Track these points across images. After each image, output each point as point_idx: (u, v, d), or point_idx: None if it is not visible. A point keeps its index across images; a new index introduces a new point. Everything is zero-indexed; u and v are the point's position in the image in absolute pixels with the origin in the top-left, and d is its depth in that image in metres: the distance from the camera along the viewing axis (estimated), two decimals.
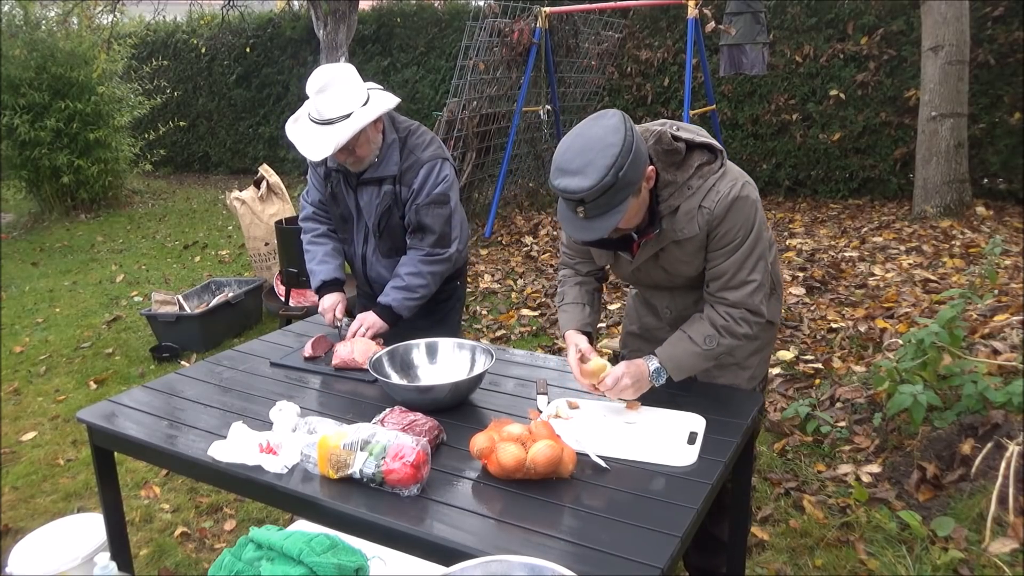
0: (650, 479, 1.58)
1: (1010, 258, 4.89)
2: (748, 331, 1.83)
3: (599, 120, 1.64)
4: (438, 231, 2.44)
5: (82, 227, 8.73)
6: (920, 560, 2.43)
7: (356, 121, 2.25)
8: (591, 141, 1.61)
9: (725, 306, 1.83)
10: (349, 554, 1.74)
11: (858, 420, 3.26)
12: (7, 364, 4.71)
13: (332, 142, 2.23)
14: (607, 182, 1.57)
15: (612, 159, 1.57)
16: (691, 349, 1.83)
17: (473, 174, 6.98)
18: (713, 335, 1.81)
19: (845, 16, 7.18)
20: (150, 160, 10.29)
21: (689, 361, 1.84)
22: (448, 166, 2.47)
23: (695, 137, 1.80)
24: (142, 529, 2.90)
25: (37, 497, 3.18)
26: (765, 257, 1.82)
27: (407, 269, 2.46)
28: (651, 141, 1.76)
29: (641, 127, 1.80)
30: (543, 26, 6.69)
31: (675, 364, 1.84)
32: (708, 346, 1.82)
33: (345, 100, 2.25)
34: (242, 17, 9.99)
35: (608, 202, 1.61)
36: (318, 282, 2.58)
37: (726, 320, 1.82)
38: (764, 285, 1.82)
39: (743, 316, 1.82)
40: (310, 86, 2.26)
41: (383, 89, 2.43)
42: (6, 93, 8.43)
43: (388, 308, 2.44)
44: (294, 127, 2.36)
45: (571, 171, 1.61)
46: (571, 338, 1.97)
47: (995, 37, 6.57)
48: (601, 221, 1.64)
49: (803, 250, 5.65)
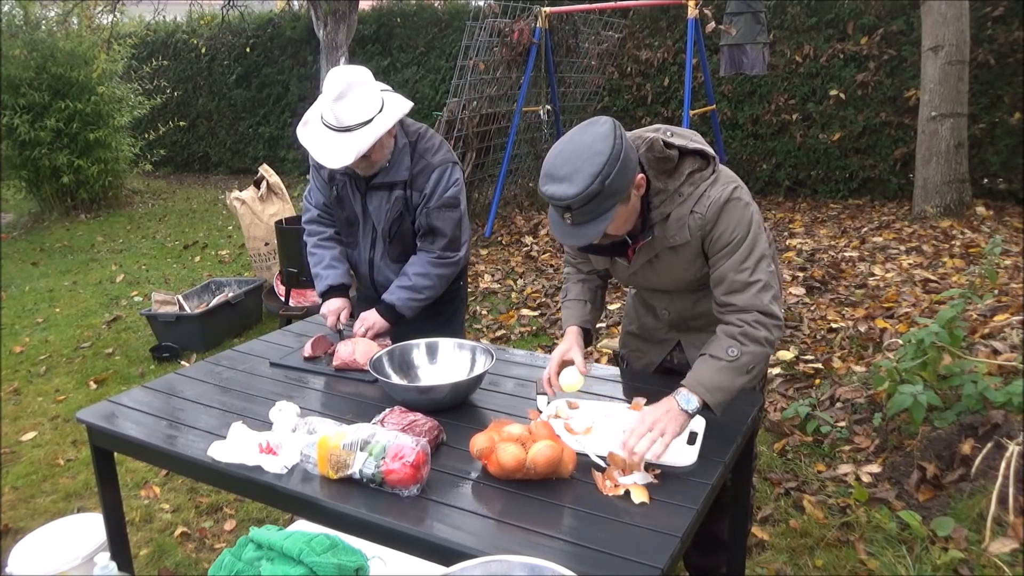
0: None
1: (1010, 258, 4.89)
2: (768, 335, 1.72)
3: (590, 127, 1.65)
4: (449, 234, 2.44)
5: (82, 227, 8.73)
6: (920, 560, 2.43)
7: (376, 128, 2.21)
8: (580, 148, 1.61)
9: (736, 313, 1.75)
10: (349, 554, 1.74)
11: (858, 420, 3.26)
12: (7, 364, 4.71)
13: (353, 150, 2.20)
14: (593, 190, 1.58)
15: (599, 167, 1.58)
16: (714, 365, 1.71)
17: (473, 174, 6.98)
18: (733, 344, 1.72)
19: (845, 16, 7.18)
20: (150, 160, 10.29)
21: (715, 378, 1.69)
22: (458, 170, 2.46)
23: (688, 143, 1.79)
24: (142, 529, 2.90)
25: (37, 497, 3.18)
26: (767, 257, 1.78)
27: (416, 269, 2.45)
28: (642, 148, 1.75)
29: (634, 133, 1.80)
30: (543, 26, 6.69)
31: (703, 385, 1.69)
32: (731, 356, 1.70)
33: (364, 106, 2.22)
34: (242, 17, 9.99)
35: (595, 209, 1.61)
36: (325, 287, 2.55)
37: (741, 326, 1.73)
38: (771, 286, 1.75)
39: (757, 319, 1.72)
40: (328, 91, 2.20)
41: (393, 91, 2.41)
42: (6, 93, 8.43)
43: (392, 307, 2.44)
44: (306, 131, 2.31)
45: (558, 178, 1.61)
46: (571, 337, 1.98)
47: (995, 37, 6.57)
48: (588, 228, 1.65)
49: (803, 250, 5.65)
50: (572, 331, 2.01)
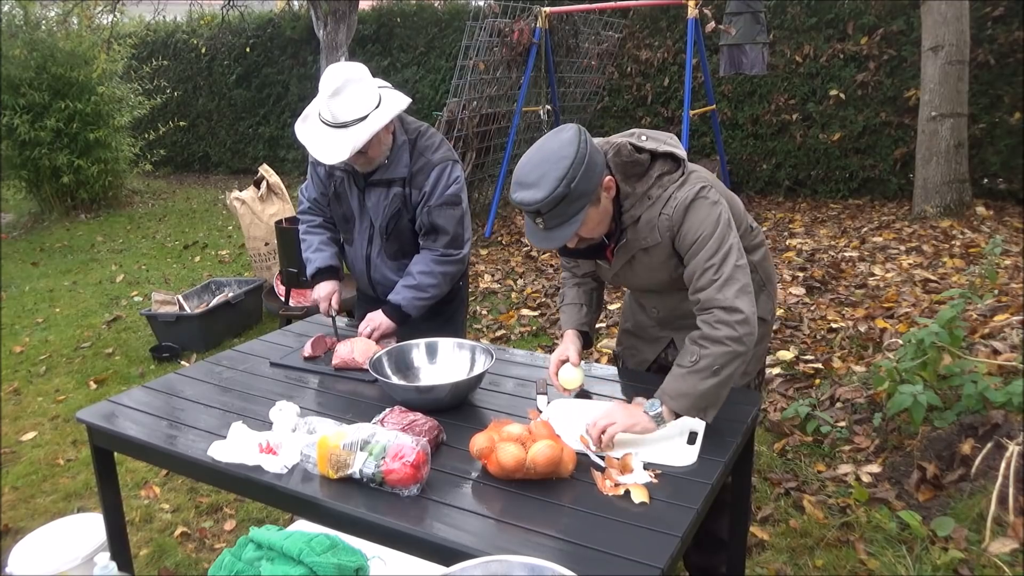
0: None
1: (1010, 258, 4.89)
2: (731, 332, 1.69)
3: (556, 135, 1.70)
4: (451, 232, 2.44)
5: (82, 227, 8.73)
6: (920, 560, 2.43)
7: (371, 124, 2.22)
8: (548, 155, 1.67)
9: (701, 312, 1.76)
10: (349, 554, 1.74)
11: (858, 420, 3.26)
12: (7, 364, 4.71)
13: (348, 146, 2.21)
14: (559, 193, 1.63)
15: (564, 171, 1.63)
16: (677, 372, 1.73)
17: (473, 174, 6.98)
18: (694, 349, 1.72)
19: (845, 16, 7.18)
20: (150, 160, 10.29)
21: (677, 385, 1.71)
22: (459, 168, 2.46)
23: (659, 146, 1.82)
24: (142, 529, 2.90)
25: (37, 497, 3.18)
26: (735, 253, 1.76)
27: (419, 268, 2.45)
28: (610, 153, 1.80)
29: (603, 139, 1.85)
30: (543, 26, 6.69)
31: (666, 393, 1.72)
32: (691, 361, 1.71)
33: (360, 102, 2.22)
34: (242, 17, 9.99)
35: (564, 212, 1.67)
36: (313, 269, 2.57)
37: (701, 328, 1.74)
38: (736, 279, 1.73)
39: (717, 318, 1.71)
40: (324, 87, 2.21)
41: (392, 88, 2.40)
42: (6, 93, 8.43)
43: (397, 307, 2.43)
44: (304, 127, 2.32)
45: (527, 184, 1.67)
46: (567, 338, 2.05)
47: (995, 37, 6.57)
48: (560, 231, 1.70)
49: (803, 250, 5.65)
50: (569, 334, 2.08)
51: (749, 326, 1.71)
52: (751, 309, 1.72)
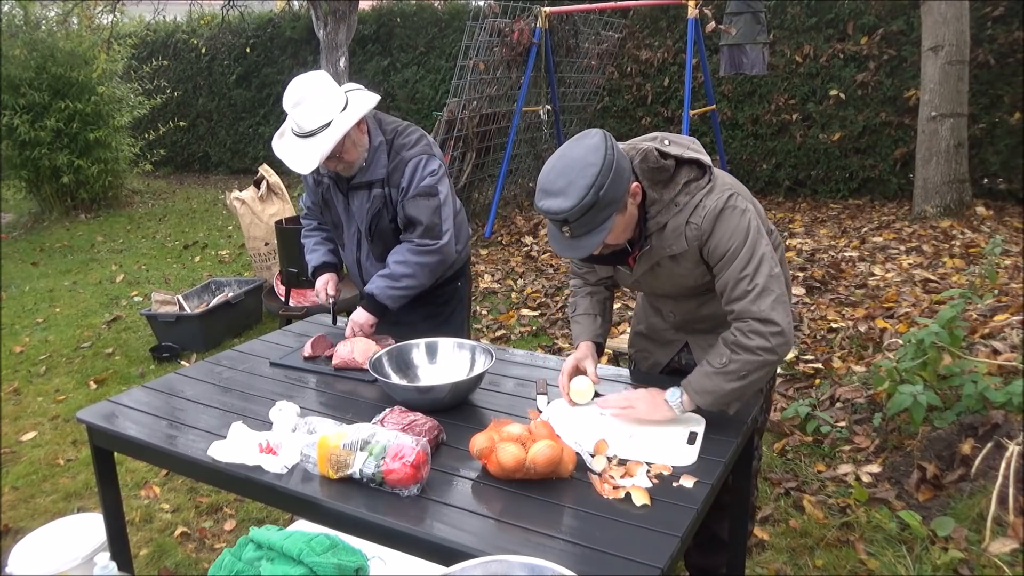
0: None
1: (1010, 258, 4.89)
2: (764, 343, 1.70)
3: (580, 140, 1.67)
4: (426, 222, 2.41)
5: (82, 227, 8.73)
6: (920, 560, 2.43)
7: (336, 129, 2.23)
8: (572, 162, 1.63)
9: (736, 320, 1.76)
10: (349, 554, 1.74)
11: (858, 420, 3.26)
12: (7, 364, 4.71)
13: (316, 154, 2.23)
14: (588, 201, 1.60)
15: (592, 179, 1.60)
16: (706, 370, 1.75)
17: (473, 174, 6.98)
18: (724, 351, 1.74)
19: (845, 16, 7.18)
20: (150, 160, 10.30)
21: (703, 382, 1.75)
22: (435, 161, 2.43)
23: (684, 152, 1.79)
24: (142, 529, 2.90)
25: (37, 497, 3.18)
26: (769, 262, 1.75)
27: (394, 258, 2.45)
28: (637, 159, 1.76)
29: (628, 144, 1.81)
30: (543, 26, 6.69)
31: (691, 386, 1.76)
32: (722, 363, 1.73)
33: (322, 109, 2.23)
34: (242, 17, 9.99)
35: (592, 220, 1.63)
36: (312, 268, 2.66)
37: (735, 335, 1.74)
38: (770, 291, 1.73)
39: (752, 328, 1.72)
40: (286, 101, 2.24)
41: (363, 88, 2.40)
42: (6, 93, 8.43)
43: (371, 296, 2.44)
44: (280, 143, 2.35)
45: (553, 192, 1.63)
46: (583, 350, 2.01)
47: (995, 37, 6.57)
48: (587, 239, 1.66)
49: (803, 250, 5.66)
50: (584, 346, 2.03)
51: (784, 337, 1.71)
52: (787, 321, 1.72)
